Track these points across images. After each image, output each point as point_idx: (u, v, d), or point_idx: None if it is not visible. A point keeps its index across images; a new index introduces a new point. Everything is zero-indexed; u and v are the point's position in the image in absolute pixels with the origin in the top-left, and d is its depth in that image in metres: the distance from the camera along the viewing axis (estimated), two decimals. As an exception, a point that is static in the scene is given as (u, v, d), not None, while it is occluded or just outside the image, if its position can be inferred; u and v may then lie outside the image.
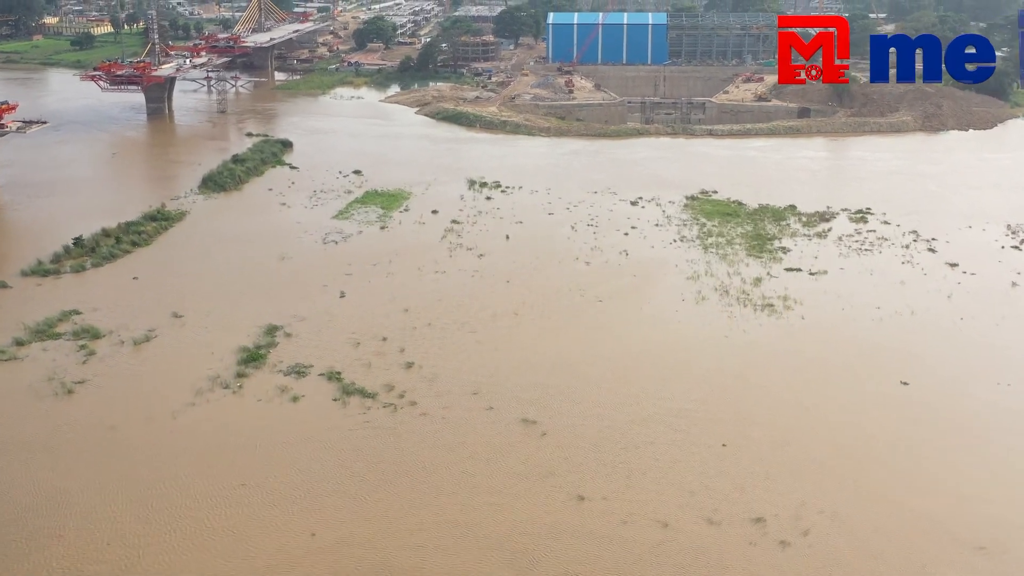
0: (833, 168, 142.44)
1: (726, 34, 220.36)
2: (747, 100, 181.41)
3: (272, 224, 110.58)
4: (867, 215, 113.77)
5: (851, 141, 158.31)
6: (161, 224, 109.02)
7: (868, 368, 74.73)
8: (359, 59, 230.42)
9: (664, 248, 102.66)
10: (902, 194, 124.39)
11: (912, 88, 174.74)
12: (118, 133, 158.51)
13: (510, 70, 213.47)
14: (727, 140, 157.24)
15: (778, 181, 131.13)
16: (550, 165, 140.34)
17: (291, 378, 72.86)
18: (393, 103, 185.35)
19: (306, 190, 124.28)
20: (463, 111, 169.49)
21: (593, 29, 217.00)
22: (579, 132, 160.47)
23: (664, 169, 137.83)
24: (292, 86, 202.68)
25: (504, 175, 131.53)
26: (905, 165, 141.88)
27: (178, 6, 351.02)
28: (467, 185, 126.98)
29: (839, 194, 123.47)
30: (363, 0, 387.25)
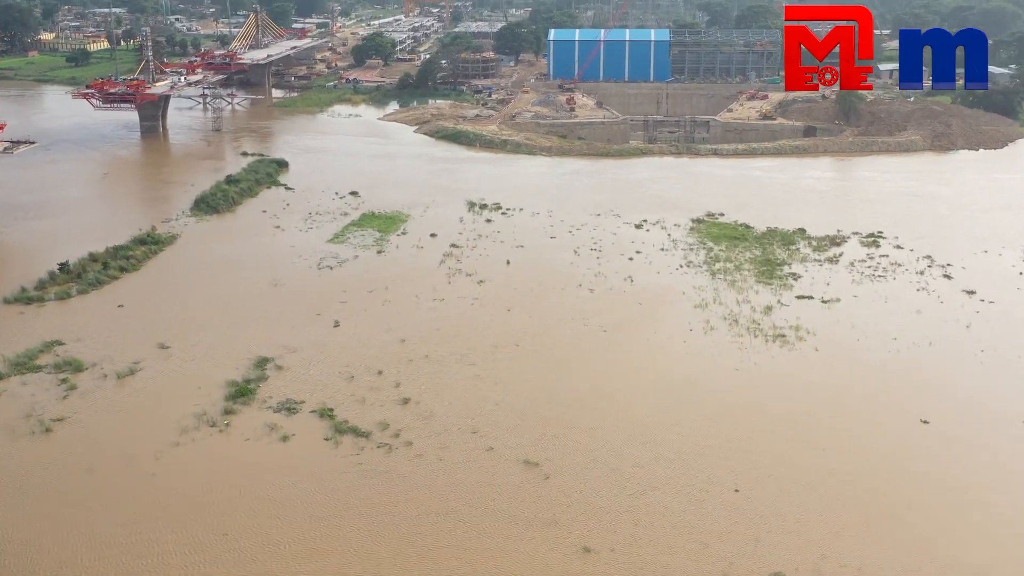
0: (841, 189, 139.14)
1: (729, 51, 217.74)
2: (752, 118, 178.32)
3: (265, 248, 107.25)
4: (879, 239, 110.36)
5: (858, 161, 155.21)
6: (151, 248, 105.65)
7: (887, 405, 71.16)
8: (358, 76, 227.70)
9: (670, 274, 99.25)
10: (913, 217, 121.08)
11: (920, 106, 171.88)
12: (110, 152, 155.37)
13: (510, 87, 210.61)
14: (732, 160, 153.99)
15: (785, 203, 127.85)
16: (551, 186, 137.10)
17: (281, 415, 69.36)
18: (392, 121, 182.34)
19: (301, 212, 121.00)
20: (463, 130, 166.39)
21: (595, 46, 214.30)
22: (581, 151, 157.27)
23: (668, 190, 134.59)
24: (289, 103, 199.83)
25: (504, 196, 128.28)
26: (915, 186, 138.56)
27: (176, 22, 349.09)
28: (466, 207, 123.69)
29: (849, 217, 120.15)
30: (362, 16, 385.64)
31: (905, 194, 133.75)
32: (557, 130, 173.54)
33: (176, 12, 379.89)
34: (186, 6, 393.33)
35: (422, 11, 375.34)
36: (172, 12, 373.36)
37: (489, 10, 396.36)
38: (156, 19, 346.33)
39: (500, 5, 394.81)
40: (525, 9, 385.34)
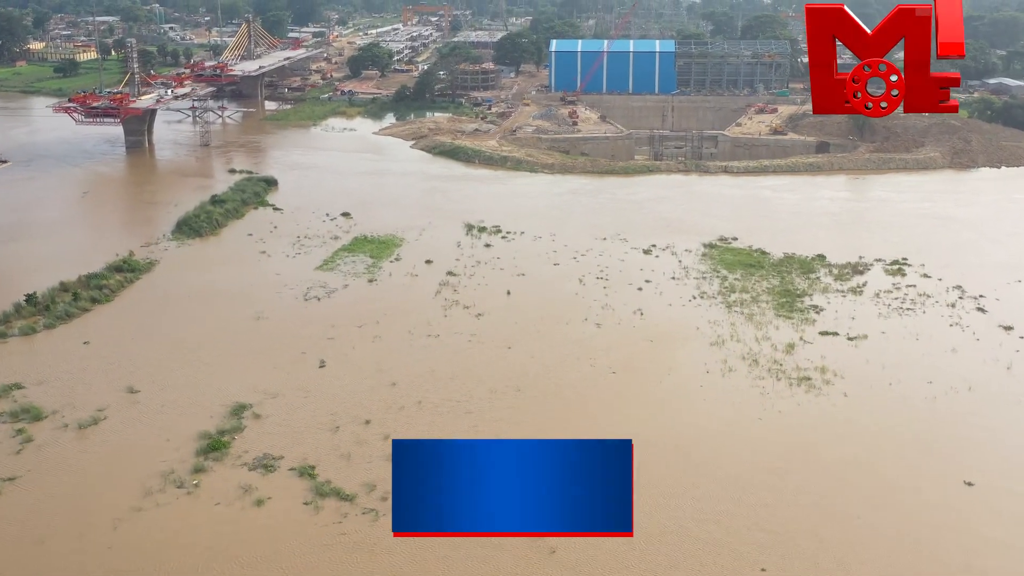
0: (859, 211, 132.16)
1: (736, 62, 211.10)
2: (762, 133, 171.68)
3: (249, 276, 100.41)
4: (903, 266, 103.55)
5: (875, 179, 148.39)
6: (127, 277, 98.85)
7: (925, 463, 64.36)
8: (353, 87, 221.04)
9: (683, 306, 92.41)
10: (938, 241, 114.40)
11: (937, 121, 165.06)
12: (92, 169, 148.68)
13: (511, 99, 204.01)
14: (743, 178, 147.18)
15: (801, 225, 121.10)
16: (554, 206, 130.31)
17: (257, 473, 62.58)
18: (387, 136, 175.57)
19: (289, 235, 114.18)
20: (461, 145, 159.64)
21: (598, 57, 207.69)
22: (584, 169, 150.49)
23: (678, 211, 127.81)
24: (282, 117, 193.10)
25: (504, 218, 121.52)
26: (936, 207, 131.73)
27: (170, 31, 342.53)
28: (464, 230, 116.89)
29: (869, 241, 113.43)
30: (360, 25, 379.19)
31: (926, 216, 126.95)
32: (559, 145, 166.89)
33: (171, 21, 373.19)
34: (181, 14, 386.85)
35: (420, 20, 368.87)
36: (166, 21, 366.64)
37: (489, 18, 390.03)
38: (150, 28, 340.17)
39: (500, 14, 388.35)
40: (526, 18, 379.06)
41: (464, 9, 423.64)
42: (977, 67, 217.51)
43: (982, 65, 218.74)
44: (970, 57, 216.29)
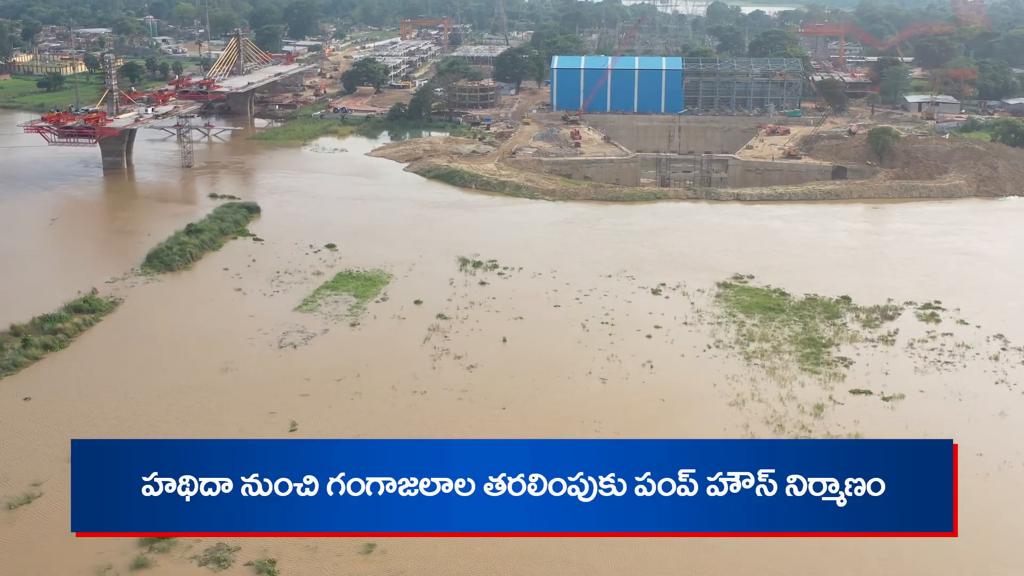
0: (879, 245, 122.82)
1: (746, 81, 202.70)
2: (774, 157, 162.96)
3: (220, 319, 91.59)
4: (936, 311, 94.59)
5: (897, 209, 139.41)
6: (86, 318, 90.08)
7: (983, 564, 55.28)
8: (347, 104, 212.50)
9: (697, 358, 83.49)
10: (970, 282, 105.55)
11: (960, 146, 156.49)
12: (64, 193, 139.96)
13: (510, 118, 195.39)
14: (756, 206, 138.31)
15: (822, 262, 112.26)
16: (555, 237, 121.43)
17: (209, 569, 53.68)
18: (380, 157, 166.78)
19: (268, 270, 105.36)
20: (457, 169, 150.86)
21: (601, 75, 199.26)
22: (587, 195, 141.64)
23: (687, 244, 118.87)
24: (271, 136, 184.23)
25: (502, 251, 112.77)
26: (963, 241, 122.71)
27: (162, 43, 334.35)
28: (458, 264, 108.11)
29: (894, 281, 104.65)
30: (357, 38, 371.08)
31: (953, 251, 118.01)
32: (561, 169, 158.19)
33: (165, 33, 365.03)
34: (175, 26, 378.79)
35: (420, 34, 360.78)
36: (160, 33, 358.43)
37: (490, 32, 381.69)
38: (142, 40, 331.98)
39: (501, 28, 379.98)
40: (527, 32, 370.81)
41: (465, 23, 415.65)
42: (996, 87, 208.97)
43: (1001, 85, 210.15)
44: (989, 76, 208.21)
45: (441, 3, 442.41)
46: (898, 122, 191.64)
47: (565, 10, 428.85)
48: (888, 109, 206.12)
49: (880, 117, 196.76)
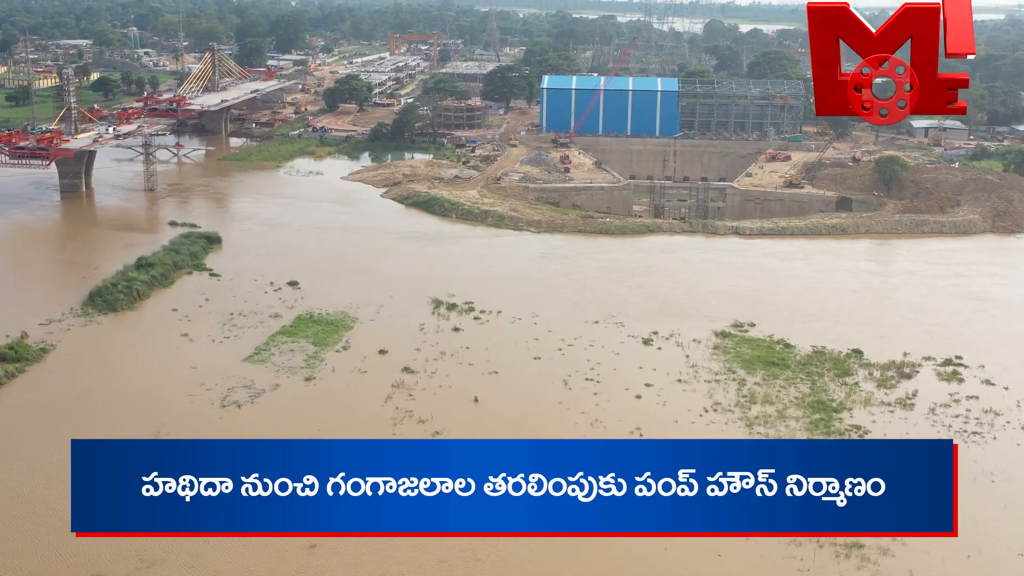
0: (888, 288, 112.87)
1: (744, 103, 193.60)
2: (775, 186, 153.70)
3: (159, 371, 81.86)
4: (958, 368, 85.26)
5: (905, 246, 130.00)
6: (9, 368, 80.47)
7: None
8: (328, 123, 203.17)
9: (692, 424, 73.98)
10: (987, 332, 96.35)
11: (973, 177, 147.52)
12: (13, 219, 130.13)
13: (498, 140, 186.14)
14: (756, 241, 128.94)
15: (828, 307, 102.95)
16: (538, 275, 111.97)
17: None
18: (357, 181, 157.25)
19: (221, 312, 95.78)
20: (437, 196, 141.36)
21: (594, 95, 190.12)
22: (575, 227, 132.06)
23: (682, 284, 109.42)
24: (243, 157, 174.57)
25: (480, 290, 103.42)
26: (976, 285, 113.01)
27: (144, 56, 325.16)
28: (431, 306, 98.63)
29: (909, 331, 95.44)
30: (346, 53, 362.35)
31: (965, 297, 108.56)
32: (548, 196, 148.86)
33: (148, 46, 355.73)
34: (160, 39, 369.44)
35: (410, 49, 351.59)
36: (143, 45, 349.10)
37: (482, 48, 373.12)
38: (123, 53, 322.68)
39: (493, 44, 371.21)
40: (520, 48, 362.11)
41: (456, 38, 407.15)
42: (1006, 112, 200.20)
43: (1011, 110, 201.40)
44: (999, 102, 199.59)
45: (433, 18, 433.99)
46: (904, 148, 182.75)
47: (560, 26, 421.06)
48: (893, 134, 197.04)
49: (885, 143, 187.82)
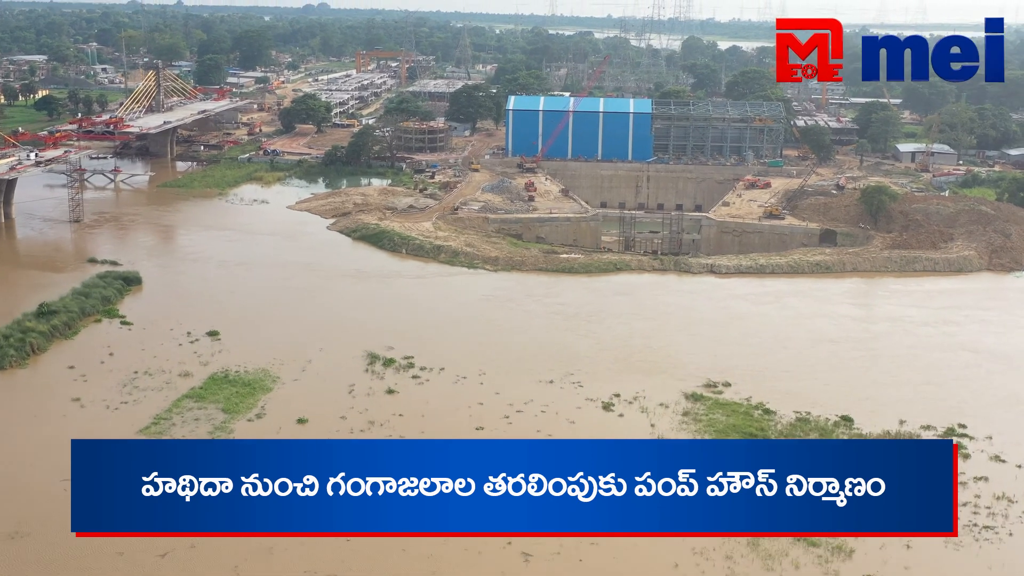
0: (875, 337, 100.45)
1: (722, 126, 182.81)
2: (754, 215, 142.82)
3: (34, 448, 69.99)
4: (962, 439, 74.22)
5: (894, 285, 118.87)
6: None
7: None
8: (282, 145, 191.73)
9: (654, 517, 62.31)
10: (988, 394, 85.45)
11: (966, 207, 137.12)
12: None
13: (460, 165, 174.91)
14: (733, 280, 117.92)
15: (809, 363, 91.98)
16: (491, 322, 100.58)
17: None
18: (304, 211, 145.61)
19: (124, 370, 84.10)
20: (387, 229, 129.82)
21: (562, 117, 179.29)
22: (536, 264, 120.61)
23: (650, 334, 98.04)
24: (185, 183, 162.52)
25: (423, 341, 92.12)
26: (967, 334, 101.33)
27: (101, 72, 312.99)
28: (365, 361, 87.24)
29: (900, 392, 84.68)
30: (312, 70, 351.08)
31: (962, 349, 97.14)
32: (511, 228, 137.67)
33: (109, 61, 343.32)
34: (120, 54, 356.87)
35: (379, 66, 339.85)
36: (102, 61, 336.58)
37: (454, 65, 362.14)
38: (79, 69, 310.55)
39: (465, 61, 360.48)
40: (493, 65, 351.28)
41: (428, 55, 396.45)
42: (996, 135, 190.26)
43: (1001, 133, 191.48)
44: (988, 125, 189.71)
45: (406, 34, 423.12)
46: (890, 174, 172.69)
47: (535, 43, 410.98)
48: (878, 159, 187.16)
49: (869, 168, 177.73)
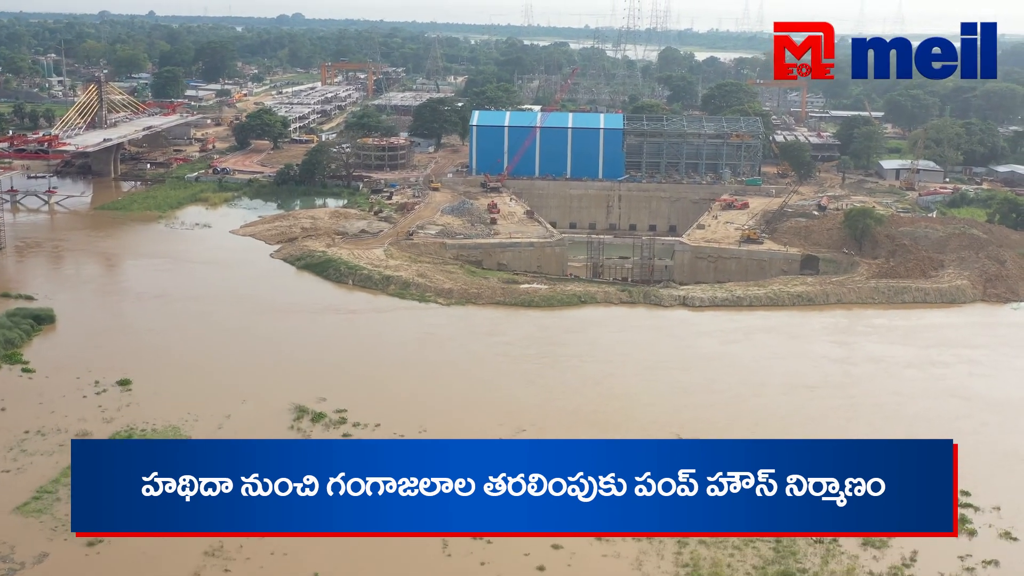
0: (856, 382, 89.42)
1: (697, 142, 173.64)
2: (730, 240, 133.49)
3: None
4: (965, 509, 64.76)
5: (880, 319, 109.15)
6: None
7: None
8: (234, 163, 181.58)
9: (609, 620, 52.95)
10: (986, 452, 75.91)
11: (956, 231, 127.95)
12: None
13: (421, 184, 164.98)
14: (708, 314, 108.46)
15: (787, 412, 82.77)
16: (437, 368, 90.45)
17: None
18: (248, 236, 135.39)
19: (14, 428, 74.11)
20: (334, 258, 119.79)
21: (529, 133, 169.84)
22: (493, 296, 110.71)
23: (612, 382, 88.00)
24: (125, 205, 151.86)
25: (360, 390, 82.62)
26: (959, 377, 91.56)
27: (57, 84, 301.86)
28: (292, 415, 77.41)
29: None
30: (277, 82, 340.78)
31: (951, 395, 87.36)
32: (469, 254, 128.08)
33: (70, 74, 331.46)
34: (80, 65, 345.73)
35: (347, 78, 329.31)
36: (59, 73, 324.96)
37: (424, 77, 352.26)
38: (33, 82, 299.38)
39: (435, 72, 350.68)
40: (465, 76, 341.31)
41: (400, 66, 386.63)
42: (984, 151, 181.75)
43: (989, 149, 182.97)
44: (976, 140, 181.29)
45: (378, 45, 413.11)
46: (873, 192, 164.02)
47: (508, 54, 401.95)
48: (861, 176, 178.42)
49: (852, 186, 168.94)
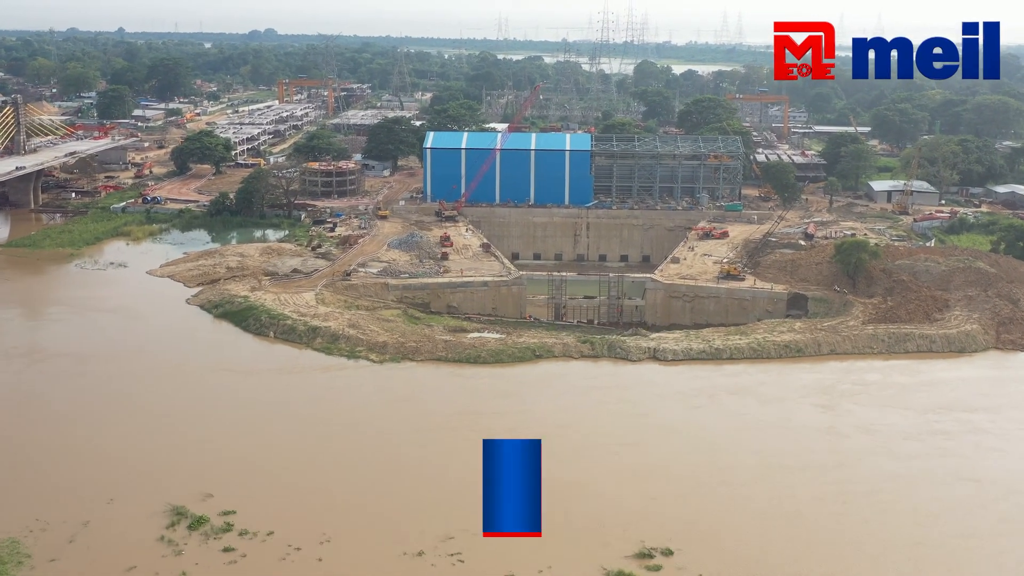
0: (844, 462, 75.02)
1: (673, 164, 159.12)
2: (709, 277, 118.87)
3: None
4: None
5: (876, 373, 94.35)
6: None
7: None
8: (169, 191, 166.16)
9: None
10: (1019, 562, 61.90)
11: (960, 265, 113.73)
12: None
13: (369, 213, 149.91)
14: (680, 368, 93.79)
15: (763, 508, 68.27)
16: (349, 454, 75.10)
17: None
18: (167, 276, 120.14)
19: None
20: (256, 305, 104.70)
21: (489, 155, 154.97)
22: (434, 351, 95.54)
23: (566, 467, 72.25)
24: (34, 241, 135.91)
25: (253, 485, 67.81)
26: (968, 454, 78.42)
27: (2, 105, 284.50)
28: (166, 521, 62.37)
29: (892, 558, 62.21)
30: (234, 100, 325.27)
31: (959, 479, 73.85)
32: (415, 295, 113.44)
33: (9, 91, 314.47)
34: (29, 84, 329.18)
35: (310, 96, 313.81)
36: (7, 91, 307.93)
37: (391, 93, 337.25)
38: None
39: (402, 88, 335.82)
40: (433, 92, 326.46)
41: (366, 82, 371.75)
42: (981, 171, 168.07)
43: (987, 168, 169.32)
44: (973, 159, 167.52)
45: (342, 62, 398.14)
46: (864, 217, 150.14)
47: (480, 68, 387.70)
48: (849, 198, 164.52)
49: (841, 210, 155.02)
